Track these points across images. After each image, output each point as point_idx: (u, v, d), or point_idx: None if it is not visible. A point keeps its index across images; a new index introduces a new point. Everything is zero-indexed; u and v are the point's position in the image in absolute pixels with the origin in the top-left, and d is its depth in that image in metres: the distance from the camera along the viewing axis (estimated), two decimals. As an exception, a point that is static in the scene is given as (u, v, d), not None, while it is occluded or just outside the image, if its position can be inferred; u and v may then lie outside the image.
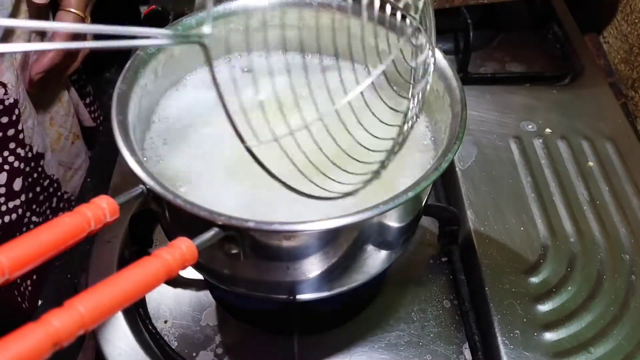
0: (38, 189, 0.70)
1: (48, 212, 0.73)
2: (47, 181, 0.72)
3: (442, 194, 0.68)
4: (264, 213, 0.44)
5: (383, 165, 0.40)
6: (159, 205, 0.43)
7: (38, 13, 0.65)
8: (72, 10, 0.65)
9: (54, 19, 0.67)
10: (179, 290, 0.57)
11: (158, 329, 0.53)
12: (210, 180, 0.47)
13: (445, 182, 0.67)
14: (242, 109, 0.33)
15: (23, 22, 0.58)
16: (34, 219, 0.69)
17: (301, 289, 0.45)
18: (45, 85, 0.71)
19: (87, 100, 0.85)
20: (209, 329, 0.55)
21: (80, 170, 0.82)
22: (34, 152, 0.67)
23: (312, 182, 0.37)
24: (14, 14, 0.61)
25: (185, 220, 0.41)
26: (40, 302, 0.60)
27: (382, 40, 0.53)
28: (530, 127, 0.70)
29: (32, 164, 0.68)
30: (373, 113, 0.42)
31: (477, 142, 0.68)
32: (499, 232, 0.59)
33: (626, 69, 0.85)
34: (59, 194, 0.75)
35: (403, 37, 0.43)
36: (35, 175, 0.69)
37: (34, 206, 0.69)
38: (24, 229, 0.68)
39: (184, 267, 0.32)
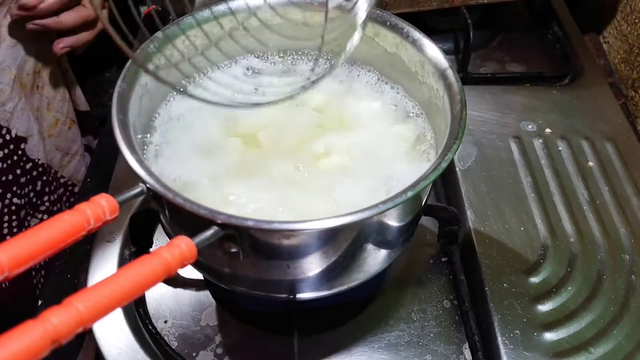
0: (18, 171, 0.70)
1: (32, 194, 0.74)
2: (30, 164, 0.72)
3: (442, 194, 0.68)
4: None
5: None
6: (158, 203, 0.43)
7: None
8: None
9: None
10: (179, 290, 0.57)
11: (158, 329, 0.53)
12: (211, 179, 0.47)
13: (445, 182, 0.67)
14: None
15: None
16: (15, 200, 0.71)
17: (301, 288, 0.45)
18: (41, 69, 0.71)
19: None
20: (209, 329, 0.55)
21: (77, 155, 0.82)
22: (13, 135, 0.68)
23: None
24: None
25: (185, 219, 0.42)
26: (40, 302, 0.59)
27: None
28: (530, 127, 0.70)
29: (11, 147, 0.68)
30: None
31: (477, 142, 0.68)
32: (499, 232, 0.59)
33: (626, 69, 0.85)
34: (44, 178, 0.75)
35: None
36: (15, 157, 0.69)
37: (15, 188, 0.70)
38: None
39: (183, 266, 0.32)
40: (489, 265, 0.56)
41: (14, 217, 0.71)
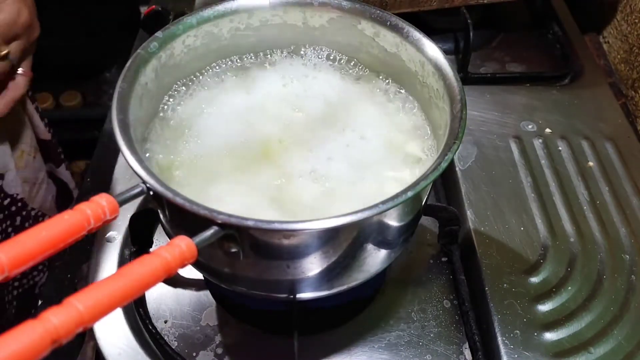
0: None
1: (10, 229, 0.72)
2: (8, 200, 0.71)
3: (442, 194, 0.68)
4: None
5: None
6: (158, 203, 0.43)
7: None
8: None
9: None
10: (179, 290, 0.57)
11: (158, 329, 0.53)
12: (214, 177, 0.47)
13: (445, 182, 0.67)
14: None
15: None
16: None
17: (301, 288, 0.45)
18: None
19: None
20: (209, 329, 0.55)
21: (44, 184, 0.80)
22: None
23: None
24: None
25: (185, 219, 0.41)
26: (40, 302, 0.59)
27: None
28: (530, 127, 0.70)
29: None
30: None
31: (477, 142, 0.68)
32: (499, 232, 0.59)
33: (626, 69, 0.85)
34: (23, 213, 0.74)
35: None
36: None
37: None
38: None
39: (183, 266, 0.32)
40: (489, 265, 0.56)
41: None
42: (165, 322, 0.55)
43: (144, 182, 0.38)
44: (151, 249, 0.61)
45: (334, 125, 0.52)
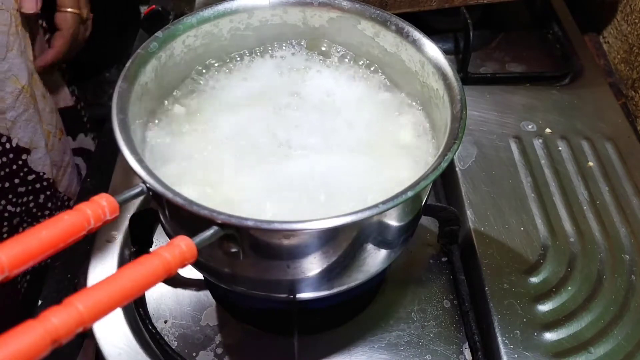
0: (17, 180, 0.70)
1: (32, 205, 0.73)
2: (33, 176, 0.71)
3: (442, 194, 0.68)
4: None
5: None
6: (159, 203, 0.43)
7: (29, 21, 0.65)
8: (69, 10, 0.65)
9: (47, 22, 0.66)
10: (179, 290, 0.57)
11: (158, 329, 0.53)
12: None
13: (445, 182, 0.67)
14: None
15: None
16: (9, 208, 0.70)
17: (301, 288, 0.45)
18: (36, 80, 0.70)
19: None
20: (209, 329, 0.55)
21: (69, 167, 0.81)
22: (14, 144, 0.67)
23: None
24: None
25: (185, 219, 0.42)
26: (40, 302, 0.59)
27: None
28: (530, 127, 0.70)
29: (11, 156, 0.68)
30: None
31: (477, 142, 0.68)
32: (499, 232, 0.59)
33: (626, 69, 0.85)
34: (48, 192, 0.74)
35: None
36: (14, 167, 0.69)
37: (10, 196, 0.69)
38: None
39: (183, 266, 0.32)
40: (489, 265, 0.56)
41: (5, 223, 0.70)
42: (165, 322, 0.55)
43: (144, 182, 0.38)
44: (151, 249, 0.61)
45: (326, 111, 0.52)
